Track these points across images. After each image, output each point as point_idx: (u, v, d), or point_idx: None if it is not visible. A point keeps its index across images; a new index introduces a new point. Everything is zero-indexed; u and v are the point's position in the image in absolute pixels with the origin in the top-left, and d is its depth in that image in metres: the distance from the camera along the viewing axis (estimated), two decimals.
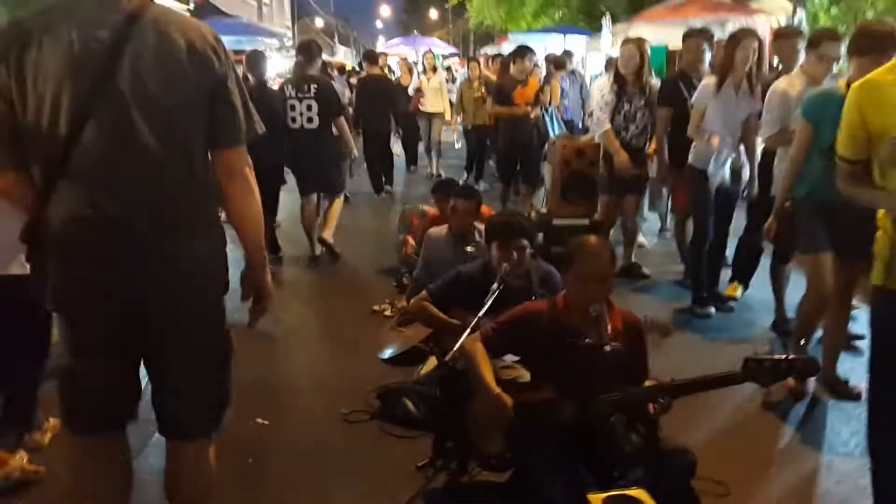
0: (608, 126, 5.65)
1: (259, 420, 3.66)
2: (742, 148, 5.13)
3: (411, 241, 6.06)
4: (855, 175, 2.20)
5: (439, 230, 4.90)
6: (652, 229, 7.59)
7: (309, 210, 6.86)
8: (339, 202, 7.00)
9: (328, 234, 6.82)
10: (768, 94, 4.48)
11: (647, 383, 2.93)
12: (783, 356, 2.67)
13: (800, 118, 3.86)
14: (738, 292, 5.52)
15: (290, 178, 6.91)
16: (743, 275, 5.51)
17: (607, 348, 2.67)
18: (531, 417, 2.88)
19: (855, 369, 4.27)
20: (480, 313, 3.32)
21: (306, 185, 6.81)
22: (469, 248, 4.67)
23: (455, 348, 3.07)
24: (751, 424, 3.70)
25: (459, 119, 11.30)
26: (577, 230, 4.85)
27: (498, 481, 3.07)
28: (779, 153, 4.46)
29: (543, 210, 5.44)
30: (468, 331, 3.15)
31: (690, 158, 5.11)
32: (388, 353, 4.46)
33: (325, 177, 6.79)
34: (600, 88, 5.90)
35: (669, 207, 7.13)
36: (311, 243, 6.84)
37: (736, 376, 2.70)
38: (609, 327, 2.79)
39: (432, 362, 4.03)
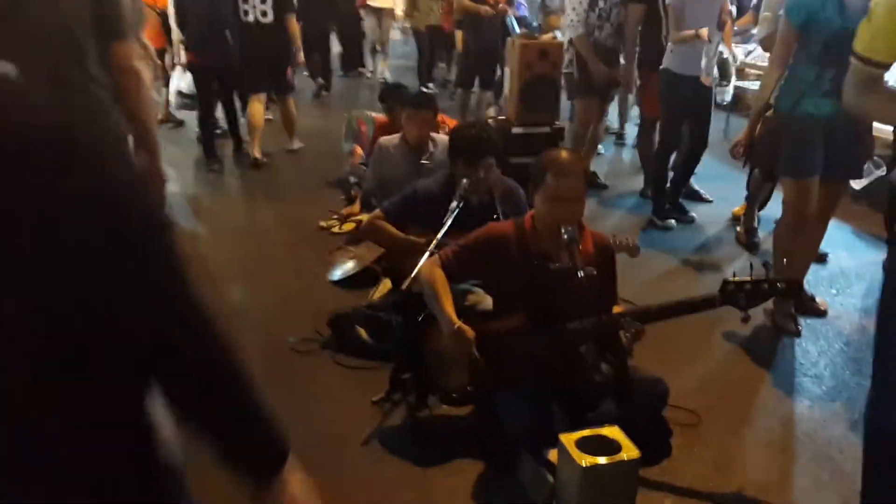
0: (582, 30, 5.28)
1: None
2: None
3: (359, 150, 5.71)
4: (879, 82, 1.91)
5: (391, 139, 4.53)
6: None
7: (257, 109, 6.59)
8: (292, 103, 6.86)
9: (295, 143, 6.95)
10: None
11: (617, 309, 2.73)
12: (763, 277, 2.48)
13: (783, 16, 3.47)
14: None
15: None
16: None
17: (580, 273, 2.42)
18: (496, 349, 2.65)
19: (819, 285, 4.17)
20: (440, 234, 3.03)
21: (257, 82, 6.57)
22: (424, 160, 4.35)
23: (412, 275, 2.78)
24: (721, 350, 3.56)
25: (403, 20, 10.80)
26: (538, 139, 4.55)
27: (460, 415, 2.87)
28: None
29: (501, 117, 5.08)
30: (426, 254, 2.87)
31: (667, 62, 4.80)
32: (337, 274, 4.16)
33: (278, 74, 6.59)
34: None
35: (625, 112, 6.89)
36: (253, 145, 6.58)
37: (713, 299, 2.53)
38: (580, 250, 2.54)
39: (386, 285, 3.76)
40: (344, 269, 4.16)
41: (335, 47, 10.69)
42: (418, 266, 2.80)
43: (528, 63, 4.49)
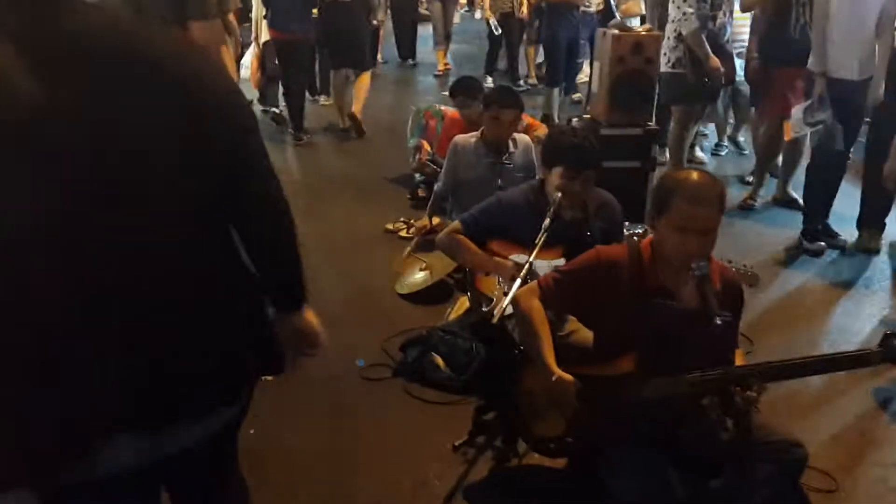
0: (697, 24, 4.70)
1: None
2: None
3: (426, 146, 5.35)
4: None
5: (467, 138, 4.16)
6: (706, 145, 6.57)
7: (339, 83, 7.05)
8: (367, 76, 7.10)
9: (358, 109, 6.98)
10: None
11: (739, 357, 2.34)
12: None
13: None
14: (879, 243, 4.52)
15: None
16: (874, 216, 4.52)
17: (718, 321, 2.03)
18: (600, 396, 2.27)
19: None
20: (532, 256, 2.64)
21: (339, 59, 6.97)
22: (504, 161, 3.99)
23: (504, 304, 2.41)
24: (858, 404, 3.05)
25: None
26: (629, 142, 4.12)
27: (556, 468, 2.50)
28: None
29: (585, 116, 4.65)
30: (518, 282, 2.49)
31: (820, 63, 4.21)
32: (406, 286, 3.81)
33: (358, 51, 6.93)
34: None
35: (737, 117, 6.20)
36: (341, 116, 7.07)
37: (871, 356, 2.08)
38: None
39: (463, 304, 3.40)
40: (414, 281, 3.81)
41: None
42: (510, 295, 2.42)
43: (620, 57, 4.05)
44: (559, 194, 2.85)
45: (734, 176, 5.72)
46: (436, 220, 4.36)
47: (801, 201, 4.74)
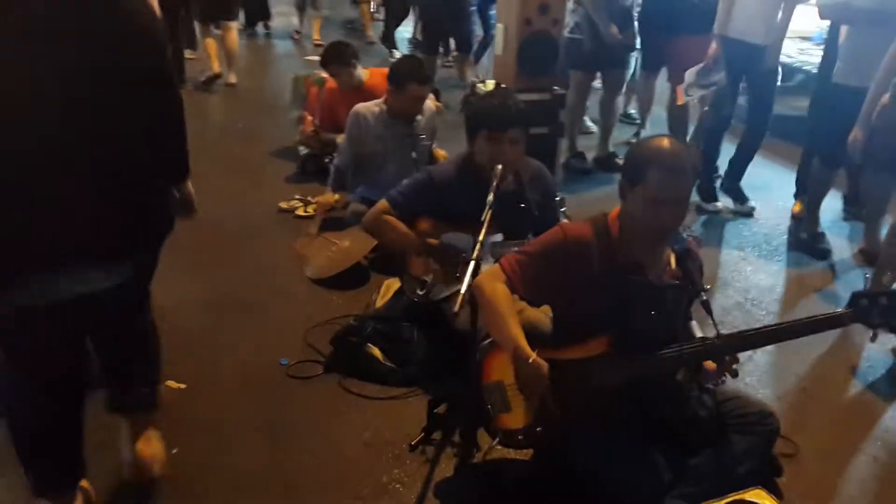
0: None
1: (171, 383, 2.67)
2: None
3: (309, 116, 5.02)
4: None
5: (369, 107, 3.90)
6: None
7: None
8: (234, 32, 7.01)
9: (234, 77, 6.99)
10: None
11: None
12: None
13: None
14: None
15: None
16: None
17: (704, 295, 2.02)
18: (571, 381, 2.13)
19: None
20: (481, 234, 2.42)
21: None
22: (420, 135, 3.79)
23: (462, 291, 2.19)
24: (821, 369, 3.07)
25: None
26: (537, 107, 3.98)
27: (521, 458, 2.36)
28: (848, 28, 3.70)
29: (487, 81, 4.47)
30: (471, 265, 2.28)
31: (724, 27, 4.16)
32: (319, 270, 3.52)
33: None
34: None
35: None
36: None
37: (844, 317, 2.06)
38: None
39: (390, 288, 3.16)
40: (327, 264, 3.52)
41: None
42: (467, 279, 2.21)
43: (526, 18, 3.89)
44: (500, 167, 2.66)
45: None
46: (339, 196, 4.08)
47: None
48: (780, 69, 4.39)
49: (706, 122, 4.65)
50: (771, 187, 4.87)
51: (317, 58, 8.19)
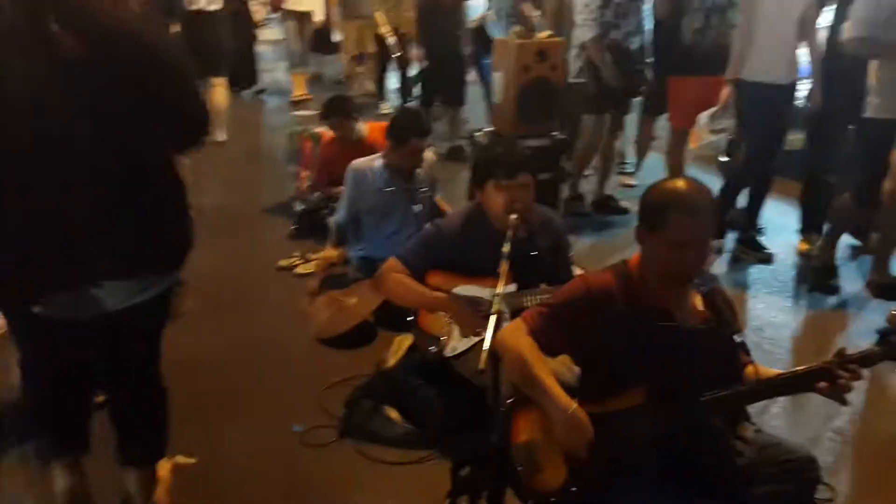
0: (596, 31, 4.50)
1: (181, 459, 2.55)
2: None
3: (304, 171, 4.97)
4: None
5: (367, 162, 3.86)
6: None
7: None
8: (221, 89, 6.67)
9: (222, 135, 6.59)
10: None
11: (750, 370, 2.20)
12: None
13: None
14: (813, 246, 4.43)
15: None
16: (814, 221, 4.44)
17: (737, 338, 2.00)
18: (607, 434, 2.05)
19: None
20: (500, 287, 2.34)
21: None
22: (421, 188, 3.75)
23: (486, 347, 2.11)
24: (822, 402, 2.98)
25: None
26: (539, 153, 3.96)
27: None
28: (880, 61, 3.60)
29: (489, 129, 4.43)
30: (492, 319, 2.20)
31: (742, 71, 4.07)
32: (327, 330, 3.42)
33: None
34: None
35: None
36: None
37: (873, 355, 2.00)
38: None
39: (401, 343, 3.07)
40: (333, 323, 3.42)
41: None
42: (489, 333, 2.13)
43: (524, 65, 3.88)
44: (514, 216, 2.61)
45: None
46: (339, 252, 4.02)
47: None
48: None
49: (733, 171, 4.52)
50: (771, 222, 4.83)
51: (308, 112, 8.30)
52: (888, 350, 2.00)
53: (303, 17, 8.43)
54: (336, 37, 8.70)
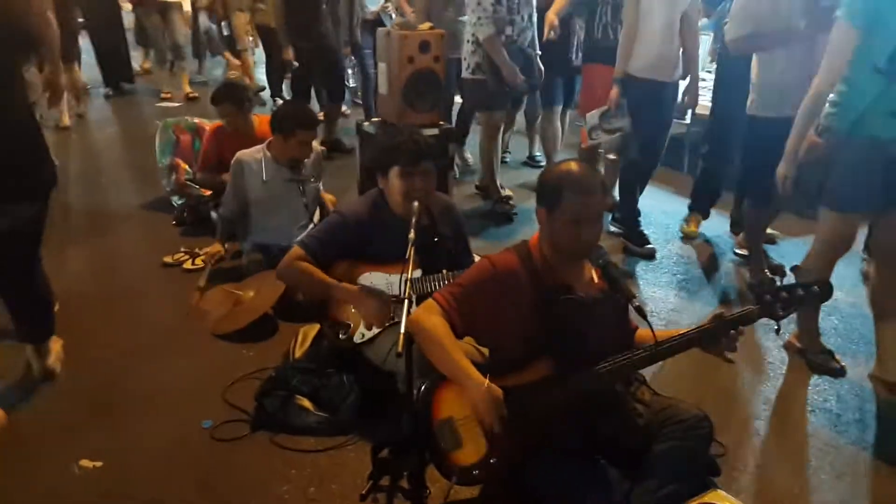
0: (492, 29, 4.48)
1: (85, 462, 2.46)
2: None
3: (182, 164, 4.83)
4: None
5: (252, 153, 3.81)
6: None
7: None
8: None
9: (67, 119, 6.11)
10: None
11: (641, 334, 2.40)
12: (795, 283, 2.25)
13: (840, 17, 2.81)
14: (697, 227, 4.79)
15: None
16: (702, 204, 4.79)
17: (635, 302, 2.09)
18: (520, 407, 2.17)
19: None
20: (409, 272, 2.40)
21: None
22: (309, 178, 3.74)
23: (402, 330, 2.17)
24: (738, 371, 3.26)
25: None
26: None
27: (473, 497, 2.35)
28: (759, 60, 3.70)
29: (374, 120, 4.43)
30: (405, 304, 2.25)
31: (627, 65, 4.20)
32: (225, 325, 3.36)
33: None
34: None
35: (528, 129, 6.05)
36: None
37: (752, 313, 2.23)
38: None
39: (307, 334, 3.07)
40: (233, 318, 3.36)
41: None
42: (403, 316, 2.18)
43: (409, 56, 3.94)
44: (417, 203, 2.68)
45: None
46: (227, 246, 3.95)
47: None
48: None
49: (623, 170, 4.66)
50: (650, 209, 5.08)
51: (175, 104, 7.98)
52: (764, 308, 2.22)
53: (167, 8, 7.97)
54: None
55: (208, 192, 4.50)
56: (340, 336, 2.83)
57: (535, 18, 4.81)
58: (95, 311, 3.58)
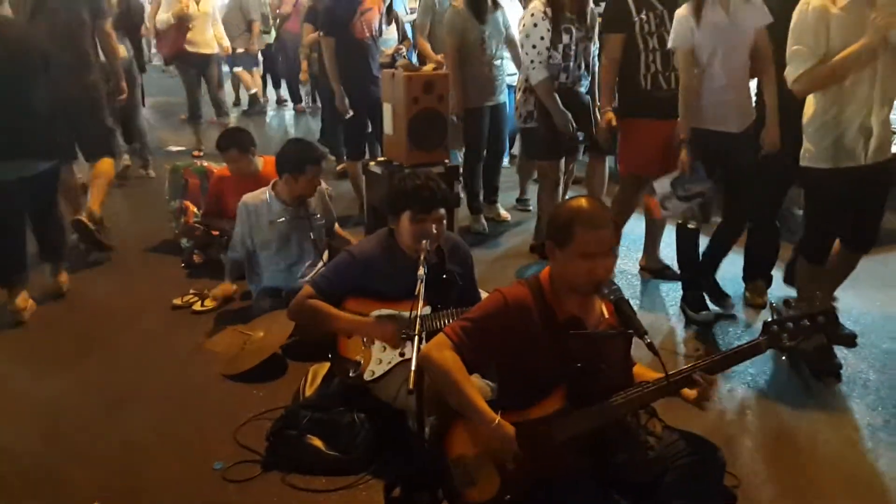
0: (544, 74, 4.24)
1: None
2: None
3: (192, 207, 4.87)
4: None
5: (257, 196, 3.87)
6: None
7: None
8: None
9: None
10: (796, 11, 3.12)
11: (640, 371, 2.42)
12: (801, 313, 2.26)
13: None
14: (766, 297, 4.17)
15: None
16: (764, 269, 4.20)
17: (647, 338, 2.09)
18: (533, 442, 2.17)
19: None
20: (419, 309, 2.41)
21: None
22: (315, 215, 3.78)
23: (413, 367, 2.19)
24: (750, 402, 3.24)
25: None
26: None
27: None
28: (815, 101, 3.21)
29: (381, 159, 4.50)
30: (416, 340, 2.27)
31: (684, 126, 3.66)
32: (235, 365, 3.37)
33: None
34: (531, 16, 4.28)
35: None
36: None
37: (760, 345, 2.23)
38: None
39: (317, 373, 3.08)
40: (242, 358, 3.38)
41: None
42: (414, 353, 2.20)
43: (414, 97, 4.01)
44: (425, 242, 2.71)
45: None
46: (236, 287, 3.99)
47: (674, 268, 4.33)
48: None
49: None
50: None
51: (181, 148, 8.04)
52: (771, 339, 2.24)
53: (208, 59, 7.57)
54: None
55: (216, 233, 4.54)
56: (351, 374, 2.84)
57: (596, 68, 4.58)
58: (105, 352, 3.60)
